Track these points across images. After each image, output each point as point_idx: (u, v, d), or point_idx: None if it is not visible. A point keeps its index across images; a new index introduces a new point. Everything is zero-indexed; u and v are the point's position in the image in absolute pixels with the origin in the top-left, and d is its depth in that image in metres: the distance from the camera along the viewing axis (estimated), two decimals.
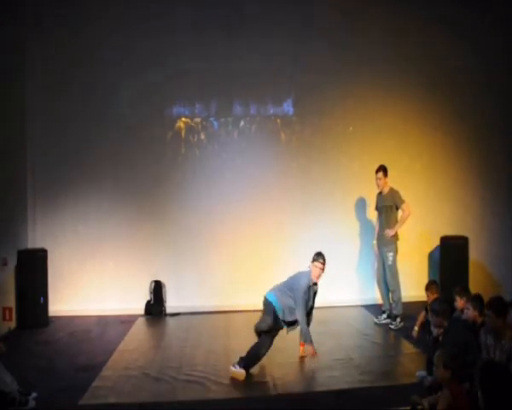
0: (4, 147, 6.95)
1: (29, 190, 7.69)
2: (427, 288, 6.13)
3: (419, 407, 3.94)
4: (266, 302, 5.43)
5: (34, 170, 7.75)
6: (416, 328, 6.14)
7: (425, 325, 5.90)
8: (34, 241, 7.69)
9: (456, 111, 8.25)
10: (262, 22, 7.93)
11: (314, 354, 5.26)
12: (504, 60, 8.30)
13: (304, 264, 7.70)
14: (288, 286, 5.47)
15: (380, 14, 8.08)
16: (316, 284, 5.58)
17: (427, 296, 6.03)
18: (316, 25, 8.00)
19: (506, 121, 8.31)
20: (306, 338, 5.31)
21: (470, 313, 4.66)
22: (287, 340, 5.61)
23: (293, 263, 7.68)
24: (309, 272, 5.52)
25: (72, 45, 7.73)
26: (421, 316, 6.17)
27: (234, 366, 5.10)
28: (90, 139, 7.81)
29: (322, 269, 5.49)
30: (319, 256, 5.49)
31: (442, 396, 3.61)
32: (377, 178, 6.96)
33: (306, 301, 5.41)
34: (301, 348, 5.62)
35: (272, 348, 5.34)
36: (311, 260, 5.54)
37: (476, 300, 4.70)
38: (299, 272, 5.58)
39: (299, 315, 5.31)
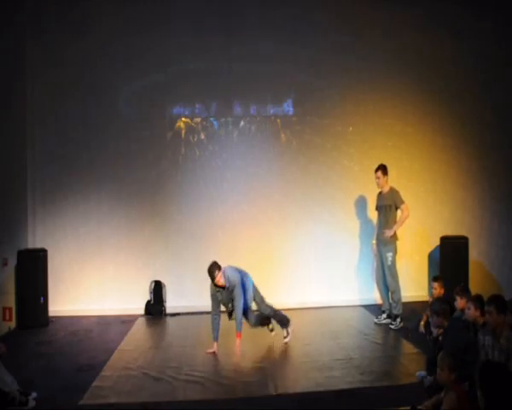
0: (4, 147, 6.95)
1: (29, 190, 7.69)
2: (436, 279, 6.01)
3: (418, 406, 3.94)
4: None
5: (34, 170, 7.75)
6: (422, 322, 6.10)
7: (425, 325, 5.90)
8: (34, 241, 7.69)
9: (456, 113, 8.24)
10: (262, 23, 7.93)
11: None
12: (504, 63, 8.28)
13: (304, 264, 7.78)
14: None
15: (379, 17, 8.09)
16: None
17: (435, 288, 5.93)
18: (316, 26, 8.00)
19: (505, 123, 8.30)
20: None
21: (472, 312, 4.61)
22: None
23: (292, 263, 7.76)
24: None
25: (72, 46, 7.72)
26: (426, 316, 6.14)
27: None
28: (90, 140, 7.81)
29: None
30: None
31: (447, 399, 3.58)
32: (376, 177, 6.94)
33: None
34: (238, 339, 5.83)
35: (272, 348, 5.35)
36: None
37: (478, 300, 4.67)
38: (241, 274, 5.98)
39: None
